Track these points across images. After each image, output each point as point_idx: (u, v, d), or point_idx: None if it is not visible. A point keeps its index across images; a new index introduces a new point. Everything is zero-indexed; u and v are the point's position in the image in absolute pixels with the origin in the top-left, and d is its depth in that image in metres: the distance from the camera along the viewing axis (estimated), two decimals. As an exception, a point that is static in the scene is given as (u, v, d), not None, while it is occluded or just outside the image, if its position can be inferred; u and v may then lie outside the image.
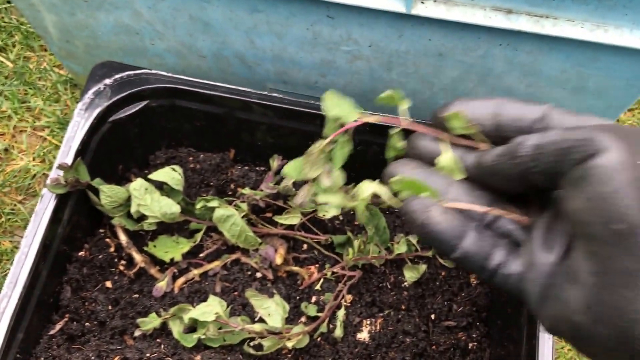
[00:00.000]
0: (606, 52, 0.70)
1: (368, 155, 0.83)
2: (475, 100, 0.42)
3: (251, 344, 0.74)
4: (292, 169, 0.58)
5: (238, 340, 0.76)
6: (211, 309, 0.74)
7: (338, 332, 0.78)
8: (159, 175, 0.80)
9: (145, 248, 0.83)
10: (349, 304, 0.82)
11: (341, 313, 0.79)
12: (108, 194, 0.77)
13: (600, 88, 0.77)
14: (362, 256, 0.81)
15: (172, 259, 0.82)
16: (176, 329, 0.76)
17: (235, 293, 0.82)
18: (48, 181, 0.73)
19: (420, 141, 0.46)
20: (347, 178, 0.86)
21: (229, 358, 0.74)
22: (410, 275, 0.82)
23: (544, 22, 0.68)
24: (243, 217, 0.81)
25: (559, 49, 0.71)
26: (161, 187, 0.81)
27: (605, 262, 0.32)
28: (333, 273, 0.83)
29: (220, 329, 0.74)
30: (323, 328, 0.79)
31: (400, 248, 0.82)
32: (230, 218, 0.79)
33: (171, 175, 0.80)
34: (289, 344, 0.73)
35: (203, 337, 0.74)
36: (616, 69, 0.72)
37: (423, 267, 0.82)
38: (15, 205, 1.08)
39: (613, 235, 0.31)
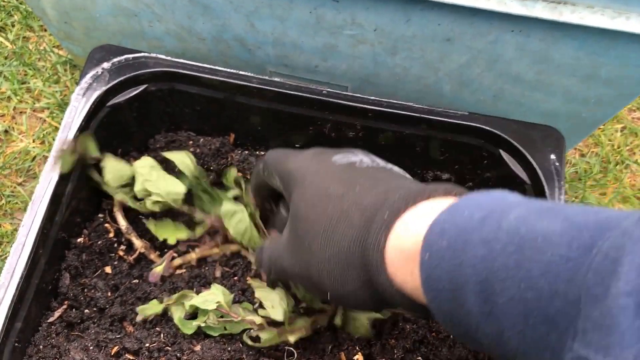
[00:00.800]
0: (623, 40, 0.67)
1: (377, 140, 0.83)
2: None
3: (250, 334, 0.73)
4: None
5: (239, 330, 0.75)
6: (213, 297, 0.73)
7: (337, 321, 0.77)
8: (173, 155, 0.79)
9: (144, 221, 0.82)
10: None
11: None
12: (111, 170, 0.76)
13: (613, 76, 0.74)
14: None
15: (165, 240, 0.81)
16: (177, 315, 0.75)
17: (235, 278, 0.81)
18: (55, 152, 0.72)
19: None
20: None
21: (229, 348, 0.74)
22: None
23: (561, 8, 0.66)
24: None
25: (573, 36, 0.69)
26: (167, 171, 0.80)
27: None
28: None
29: (221, 317, 0.73)
30: (323, 321, 0.77)
31: None
32: (237, 214, 0.77)
33: (184, 159, 0.79)
34: (291, 338, 0.72)
35: (203, 324, 0.74)
36: (632, 57, 0.70)
37: None
38: (15, 187, 1.07)
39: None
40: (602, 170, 1.19)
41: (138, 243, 0.81)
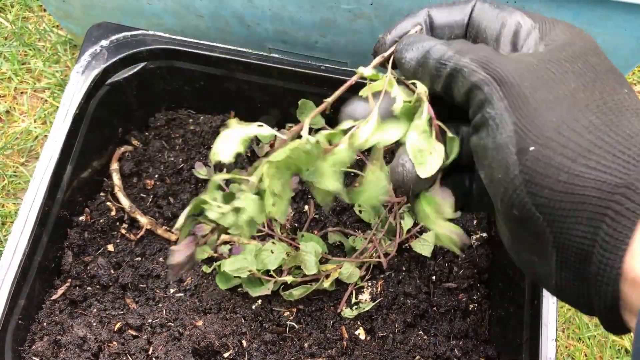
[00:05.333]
0: (618, 10, 0.67)
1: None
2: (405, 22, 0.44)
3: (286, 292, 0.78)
4: None
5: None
6: (246, 264, 0.76)
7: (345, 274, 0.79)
8: None
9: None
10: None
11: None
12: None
13: (609, 47, 0.74)
14: (380, 250, 0.81)
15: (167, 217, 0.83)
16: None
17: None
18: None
19: None
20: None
21: (231, 323, 0.75)
22: (424, 249, 0.82)
23: (555, -22, 0.65)
24: None
25: (567, 6, 0.69)
26: None
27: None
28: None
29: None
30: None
31: (407, 224, 0.81)
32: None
33: None
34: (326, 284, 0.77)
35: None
36: (627, 28, 0.70)
37: (431, 235, 0.82)
38: (17, 167, 1.08)
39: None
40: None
41: (143, 220, 0.82)
